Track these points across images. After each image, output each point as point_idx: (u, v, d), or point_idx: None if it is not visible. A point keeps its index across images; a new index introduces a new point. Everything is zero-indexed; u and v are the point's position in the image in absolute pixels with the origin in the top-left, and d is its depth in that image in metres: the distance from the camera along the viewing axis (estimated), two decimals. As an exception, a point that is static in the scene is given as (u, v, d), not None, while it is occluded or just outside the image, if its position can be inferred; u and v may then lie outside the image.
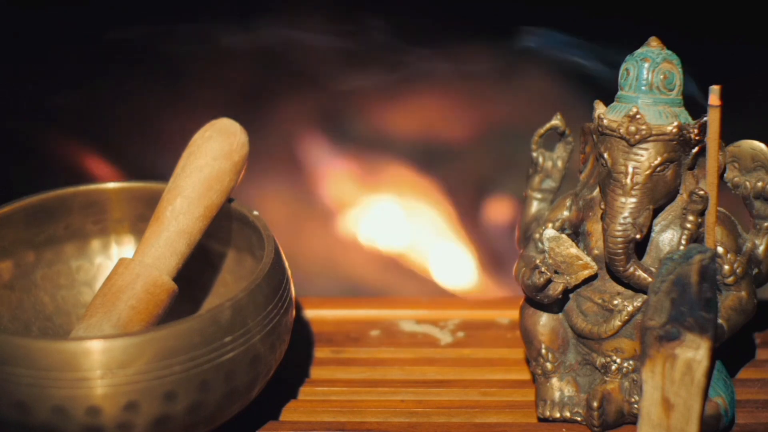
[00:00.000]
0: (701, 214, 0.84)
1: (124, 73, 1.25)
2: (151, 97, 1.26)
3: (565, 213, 0.88)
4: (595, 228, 0.86)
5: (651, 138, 0.82)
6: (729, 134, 0.84)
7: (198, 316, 0.80)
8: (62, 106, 1.26)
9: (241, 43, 1.23)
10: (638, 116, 0.82)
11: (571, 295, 0.87)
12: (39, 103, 1.26)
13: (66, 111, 1.27)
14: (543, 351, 0.88)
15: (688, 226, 0.84)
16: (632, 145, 0.82)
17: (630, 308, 0.85)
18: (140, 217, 0.94)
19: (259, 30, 1.22)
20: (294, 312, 0.88)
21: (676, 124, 0.82)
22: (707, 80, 0.82)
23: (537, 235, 0.88)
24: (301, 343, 0.98)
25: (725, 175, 0.86)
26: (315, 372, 0.96)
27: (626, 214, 0.82)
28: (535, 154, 0.93)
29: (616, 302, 0.85)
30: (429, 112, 1.32)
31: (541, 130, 0.92)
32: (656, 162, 0.82)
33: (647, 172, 0.82)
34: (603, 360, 0.86)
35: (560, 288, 0.85)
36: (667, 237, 0.85)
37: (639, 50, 0.84)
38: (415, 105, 1.32)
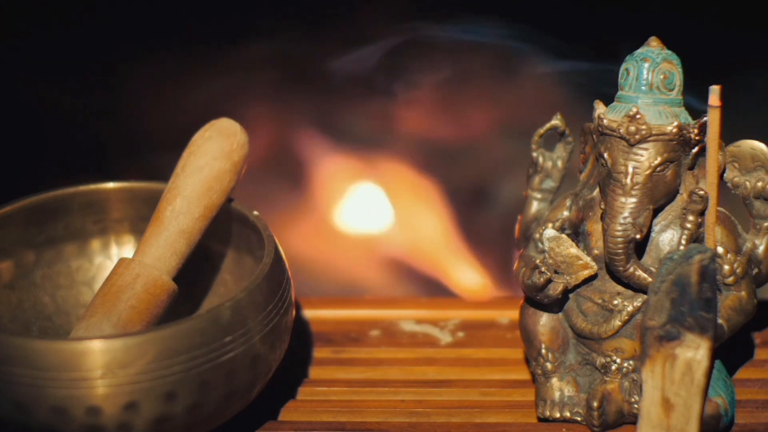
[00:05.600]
0: (701, 214, 0.84)
1: (123, 72, 1.25)
2: (152, 96, 1.26)
3: (565, 213, 0.88)
4: (595, 228, 0.86)
5: (651, 138, 0.82)
6: (729, 134, 0.84)
7: (198, 316, 0.80)
8: (62, 105, 1.26)
9: (241, 41, 1.23)
10: (638, 116, 0.82)
11: (571, 295, 0.87)
12: (39, 103, 1.26)
13: (66, 110, 1.27)
14: (543, 351, 0.88)
15: (688, 226, 0.84)
16: (632, 145, 0.82)
17: (630, 308, 0.85)
18: (140, 217, 0.94)
19: (259, 28, 1.22)
20: (294, 312, 0.88)
21: (676, 124, 0.82)
22: (707, 80, 0.82)
23: (537, 235, 0.88)
24: (301, 343, 0.98)
25: (725, 175, 0.86)
26: (315, 372, 0.96)
27: (626, 214, 0.82)
28: (535, 154, 0.92)
29: (616, 302, 0.85)
30: (430, 112, 1.32)
31: (541, 130, 0.92)
32: (656, 162, 0.82)
33: (647, 172, 0.82)
34: (603, 360, 0.86)
35: (560, 288, 0.85)
36: (667, 237, 0.85)
37: (639, 50, 0.84)
38: (416, 104, 1.31)
